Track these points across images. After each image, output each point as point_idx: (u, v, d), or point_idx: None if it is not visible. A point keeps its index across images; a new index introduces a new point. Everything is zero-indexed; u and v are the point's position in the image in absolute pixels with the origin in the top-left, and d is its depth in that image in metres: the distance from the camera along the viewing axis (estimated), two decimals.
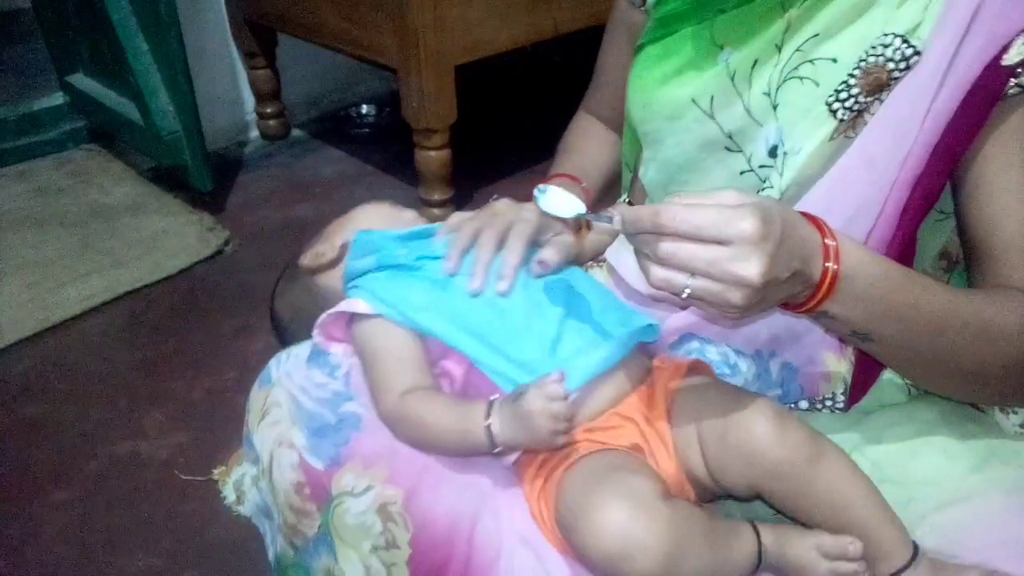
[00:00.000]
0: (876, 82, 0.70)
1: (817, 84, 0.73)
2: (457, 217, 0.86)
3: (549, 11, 1.83)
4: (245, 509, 1.22)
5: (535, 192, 0.75)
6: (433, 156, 1.85)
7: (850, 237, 0.63)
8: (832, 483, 0.67)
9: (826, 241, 0.61)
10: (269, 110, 2.35)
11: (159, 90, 1.91)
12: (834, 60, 0.72)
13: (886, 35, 0.70)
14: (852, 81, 0.71)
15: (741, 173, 0.79)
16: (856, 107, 0.71)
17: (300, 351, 0.86)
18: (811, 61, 0.73)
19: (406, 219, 0.91)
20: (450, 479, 0.72)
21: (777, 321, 0.78)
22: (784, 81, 0.75)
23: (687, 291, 0.58)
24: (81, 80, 2.20)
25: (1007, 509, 0.67)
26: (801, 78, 0.74)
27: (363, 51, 1.86)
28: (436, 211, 1.92)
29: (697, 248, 0.57)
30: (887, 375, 0.82)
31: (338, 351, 0.84)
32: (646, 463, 0.71)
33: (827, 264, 0.61)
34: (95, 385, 1.50)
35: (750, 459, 0.68)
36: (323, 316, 0.81)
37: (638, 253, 0.61)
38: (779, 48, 0.75)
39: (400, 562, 0.72)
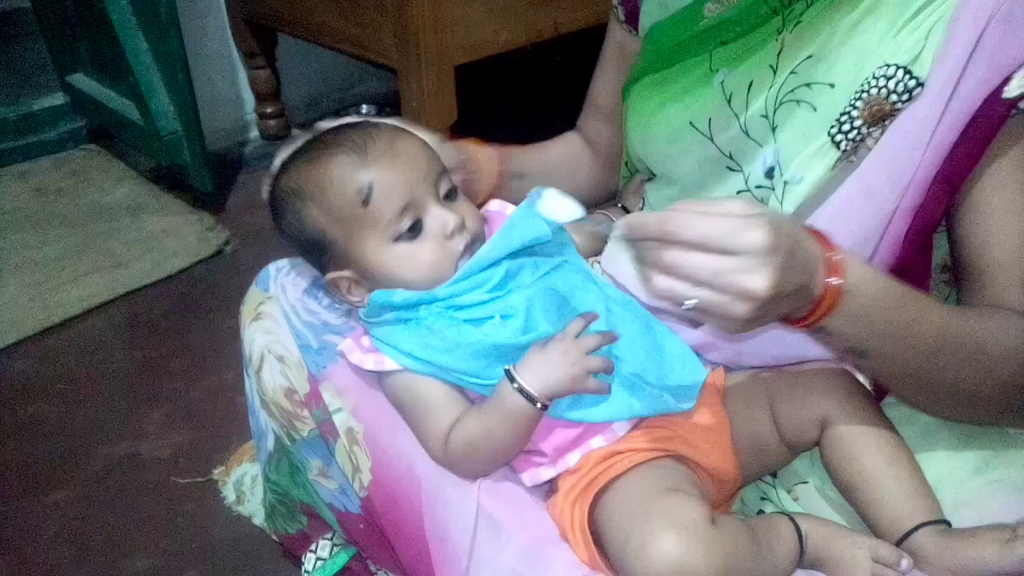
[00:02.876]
0: (879, 113, 0.69)
1: (815, 109, 0.73)
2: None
3: (549, 11, 1.83)
4: (245, 509, 1.22)
5: (531, 194, 0.74)
6: None
7: (853, 253, 0.62)
8: (888, 440, 0.71)
9: (829, 256, 0.60)
10: (269, 110, 2.35)
11: (159, 90, 1.90)
12: (831, 85, 0.72)
13: (888, 65, 0.68)
14: (854, 112, 0.70)
15: (738, 192, 0.79)
16: (858, 137, 0.70)
17: (301, 274, 0.90)
18: (808, 85, 0.73)
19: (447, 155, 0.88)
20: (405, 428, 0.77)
21: (783, 337, 0.78)
22: (781, 104, 0.74)
23: (690, 302, 0.56)
24: (81, 80, 2.19)
25: (1010, 508, 0.67)
26: (798, 101, 0.73)
27: (363, 51, 1.85)
28: None
29: (704, 258, 0.55)
30: None
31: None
32: (692, 476, 0.71)
33: (830, 280, 0.59)
34: (95, 385, 1.50)
35: (822, 391, 0.74)
36: (351, 357, 0.77)
37: (639, 261, 0.59)
38: (774, 70, 0.75)
39: (366, 485, 0.79)
